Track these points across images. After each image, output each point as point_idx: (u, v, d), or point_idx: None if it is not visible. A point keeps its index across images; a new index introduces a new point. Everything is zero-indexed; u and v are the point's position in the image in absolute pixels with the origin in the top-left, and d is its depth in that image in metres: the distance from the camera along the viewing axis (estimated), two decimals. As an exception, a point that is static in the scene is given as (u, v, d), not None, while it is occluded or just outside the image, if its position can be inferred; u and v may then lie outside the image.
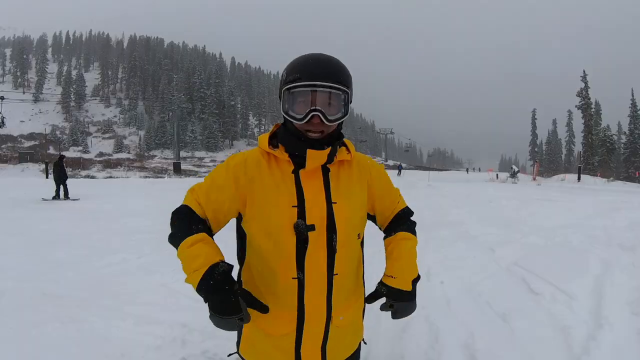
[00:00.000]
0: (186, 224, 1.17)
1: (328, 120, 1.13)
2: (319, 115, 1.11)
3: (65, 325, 3.12)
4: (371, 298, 1.31)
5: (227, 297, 1.05)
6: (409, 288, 1.28)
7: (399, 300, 1.27)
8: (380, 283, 1.30)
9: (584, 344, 2.71)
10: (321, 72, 1.11)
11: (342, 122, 1.20)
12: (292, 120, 1.15)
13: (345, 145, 1.29)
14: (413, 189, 18.01)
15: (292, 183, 1.17)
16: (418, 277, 1.32)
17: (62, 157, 14.62)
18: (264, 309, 1.15)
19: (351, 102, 1.19)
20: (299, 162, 1.18)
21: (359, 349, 1.41)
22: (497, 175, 36.31)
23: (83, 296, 3.82)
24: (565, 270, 4.11)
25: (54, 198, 13.25)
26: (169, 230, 1.18)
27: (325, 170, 1.21)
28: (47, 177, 24.71)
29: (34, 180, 25.13)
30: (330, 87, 1.11)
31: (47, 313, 3.34)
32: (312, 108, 1.11)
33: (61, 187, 13.54)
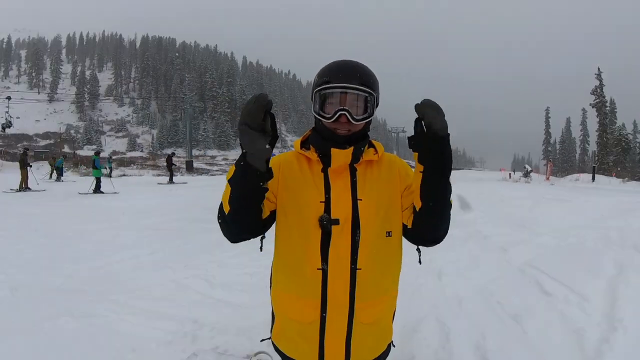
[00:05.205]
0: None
1: (354, 120, 1.20)
2: (346, 115, 1.19)
3: (77, 319, 3.17)
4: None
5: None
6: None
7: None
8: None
9: (597, 347, 2.66)
10: (348, 76, 1.19)
11: (369, 123, 1.28)
12: (321, 119, 1.23)
13: (374, 147, 1.34)
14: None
15: (321, 180, 1.26)
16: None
17: (173, 154, 22.32)
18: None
19: (377, 105, 1.27)
20: (327, 162, 1.26)
21: (386, 353, 1.40)
22: (510, 174, 35.87)
23: (95, 291, 3.87)
24: (578, 271, 4.04)
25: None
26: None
27: (352, 170, 1.27)
28: (59, 176, 24.95)
29: (47, 179, 25.43)
30: (357, 89, 1.19)
31: (60, 307, 3.40)
32: (339, 108, 1.19)
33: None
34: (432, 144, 1.10)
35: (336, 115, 1.19)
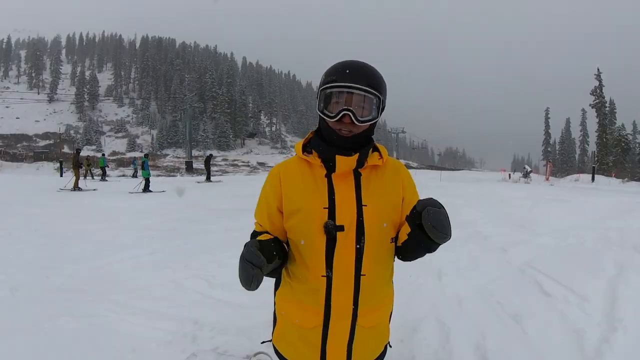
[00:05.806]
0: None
1: (358, 121, 1.18)
2: (349, 115, 1.17)
3: (77, 319, 3.17)
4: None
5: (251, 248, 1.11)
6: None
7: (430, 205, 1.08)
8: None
9: (596, 347, 2.66)
10: (356, 76, 1.17)
11: (373, 125, 1.26)
12: (325, 118, 1.21)
13: (379, 151, 1.32)
14: (425, 189, 17.87)
15: (324, 186, 1.23)
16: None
17: (211, 155, 24.67)
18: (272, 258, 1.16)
19: (384, 108, 1.24)
20: (331, 167, 1.24)
21: (383, 354, 1.41)
22: (509, 175, 35.87)
23: (95, 291, 3.87)
24: (578, 272, 4.04)
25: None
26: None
27: (357, 175, 1.25)
28: (61, 176, 25.31)
29: (47, 179, 25.43)
30: (362, 90, 1.17)
31: (60, 307, 3.39)
32: (344, 108, 1.17)
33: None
34: (430, 242, 1.13)
35: (340, 115, 1.16)
